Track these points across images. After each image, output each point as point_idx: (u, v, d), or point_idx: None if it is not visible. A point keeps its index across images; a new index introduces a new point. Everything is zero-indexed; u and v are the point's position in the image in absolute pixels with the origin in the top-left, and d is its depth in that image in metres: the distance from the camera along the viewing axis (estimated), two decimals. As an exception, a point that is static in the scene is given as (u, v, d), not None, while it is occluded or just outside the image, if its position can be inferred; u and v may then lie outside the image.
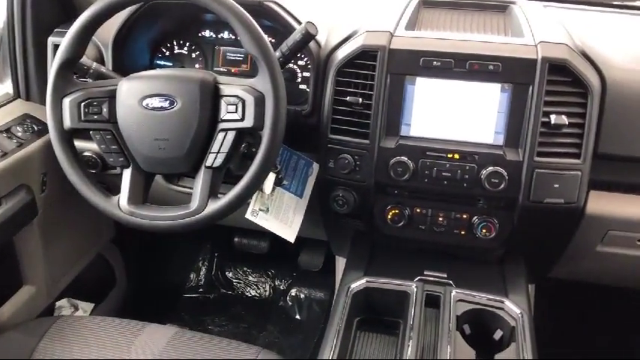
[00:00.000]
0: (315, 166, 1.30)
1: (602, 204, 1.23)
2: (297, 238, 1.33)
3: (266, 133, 1.04)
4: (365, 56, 1.19)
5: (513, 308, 1.14)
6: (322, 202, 1.32)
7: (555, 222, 1.23)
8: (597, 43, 1.23)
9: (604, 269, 1.41)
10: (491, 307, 1.15)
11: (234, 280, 2.15)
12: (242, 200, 1.07)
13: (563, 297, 1.79)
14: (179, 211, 1.08)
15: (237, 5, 1.04)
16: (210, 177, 1.08)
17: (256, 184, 1.07)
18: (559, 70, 1.12)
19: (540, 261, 1.39)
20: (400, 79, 1.18)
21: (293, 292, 2.06)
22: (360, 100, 1.19)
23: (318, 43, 1.28)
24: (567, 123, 1.12)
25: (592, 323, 1.90)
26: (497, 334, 1.13)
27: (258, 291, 2.11)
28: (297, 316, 2.02)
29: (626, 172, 1.25)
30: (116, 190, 1.14)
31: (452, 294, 1.16)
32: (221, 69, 1.44)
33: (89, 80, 1.25)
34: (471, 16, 1.42)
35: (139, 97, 1.09)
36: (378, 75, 1.17)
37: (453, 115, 1.18)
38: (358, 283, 1.20)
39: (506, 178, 1.15)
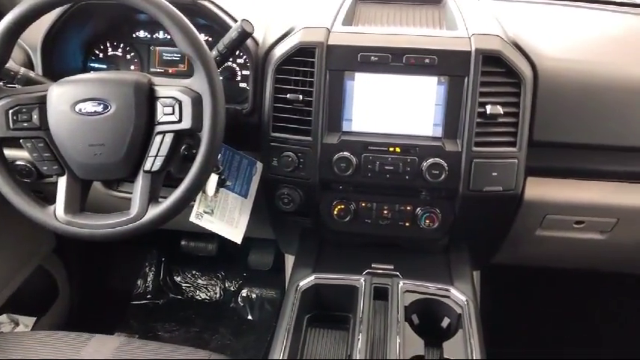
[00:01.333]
0: (259, 165, 1.29)
1: (539, 190, 1.27)
2: (246, 238, 1.31)
3: (205, 134, 1.02)
4: (303, 53, 1.18)
5: (459, 296, 1.17)
6: (268, 201, 1.32)
7: (495, 209, 1.26)
8: (529, 34, 1.27)
9: (544, 252, 1.46)
10: (438, 296, 1.17)
11: (184, 284, 2.11)
12: (184, 204, 1.05)
13: (507, 281, 1.84)
14: (118, 218, 1.05)
15: (168, 4, 1.01)
16: (150, 181, 1.05)
17: (198, 187, 1.05)
18: (493, 61, 1.15)
19: (483, 248, 1.43)
20: (339, 75, 1.18)
21: (244, 292, 2.05)
22: (301, 97, 1.19)
23: (255, 41, 1.26)
24: (502, 113, 1.15)
25: (535, 305, 1.97)
26: (445, 322, 1.15)
27: (209, 294, 2.09)
28: (249, 317, 2.01)
29: (560, 158, 1.29)
30: (54, 199, 1.09)
31: (399, 285, 1.18)
32: (158, 70, 1.41)
33: (17, 86, 1.20)
34: (406, 10, 1.43)
35: (71, 103, 1.05)
36: (317, 71, 1.17)
37: (393, 109, 1.20)
38: (307, 280, 1.20)
39: (447, 169, 1.17)
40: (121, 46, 1.42)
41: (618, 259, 1.44)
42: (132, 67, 1.42)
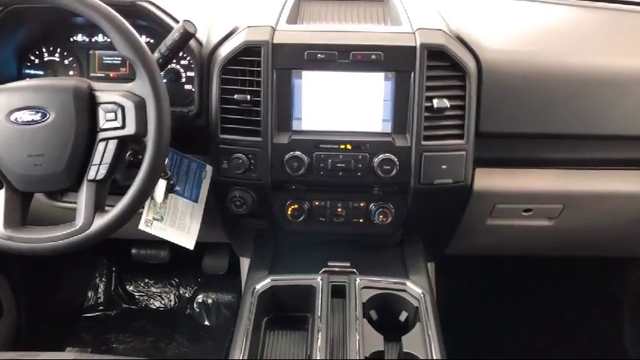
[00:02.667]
0: (209, 169, 1.26)
1: (488, 180, 1.29)
2: (199, 242, 1.29)
3: (150, 139, 0.99)
4: (248, 52, 1.17)
5: (415, 289, 1.18)
6: (220, 205, 1.29)
7: (446, 201, 1.28)
8: (471, 27, 1.29)
9: (495, 241, 1.49)
10: (395, 290, 1.17)
11: (136, 294, 2.06)
12: (131, 212, 1.01)
13: (462, 271, 1.88)
14: (62, 230, 1.01)
15: (105, 6, 0.98)
16: (95, 190, 1.01)
17: (145, 194, 1.02)
18: (437, 55, 1.16)
19: (436, 240, 1.45)
20: (286, 74, 1.17)
21: (199, 298, 2.01)
22: (248, 97, 1.17)
23: (198, 42, 1.24)
24: (449, 106, 1.16)
25: (490, 292, 2.01)
26: (403, 316, 1.16)
27: (163, 302, 2.04)
28: (206, 322, 1.98)
29: (507, 148, 1.32)
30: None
31: (356, 282, 1.18)
32: (98, 74, 1.36)
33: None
34: (350, 6, 1.43)
35: (6, 112, 1.00)
36: (264, 71, 1.16)
37: (342, 106, 1.20)
38: (263, 283, 1.18)
39: (397, 163, 1.18)
40: (58, 50, 1.36)
41: (565, 243, 1.49)
42: (70, 73, 1.37)
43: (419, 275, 1.25)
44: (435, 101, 1.16)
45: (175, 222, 1.25)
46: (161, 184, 1.17)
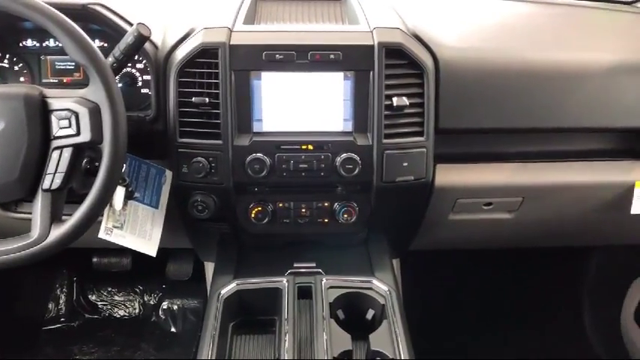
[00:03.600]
0: (168, 174, 1.24)
1: (449, 176, 1.31)
2: (162, 249, 1.27)
3: (106, 146, 0.96)
4: (205, 54, 1.15)
5: (381, 286, 1.18)
6: (181, 210, 1.27)
7: (409, 198, 1.29)
8: (428, 25, 1.30)
9: (458, 235, 1.51)
10: (361, 288, 1.18)
11: (99, 303, 2.01)
12: (89, 221, 0.99)
13: (427, 266, 1.90)
14: (17, 242, 0.97)
15: (54, 10, 0.94)
16: (50, 200, 0.98)
17: (103, 201, 0.99)
18: (395, 53, 1.17)
19: (400, 236, 1.46)
20: (245, 75, 1.16)
21: (165, 305, 1.98)
22: (207, 99, 1.15)
23: (154, 45, 1.21)
24: (408, 104, 1.17)
25: (455, 286, 2.04)
26: (370, 314, 1.17)
27: (127, 310, 2.00)
28: (173, 329, 1.95)
29: (466, 144, 1.34)
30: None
31: (322, 282, 1.18)
32: (51, 80, 1.32)
33: None
34: (307, 6, 1.43)
35: (-47, 122, 0.96)
36: (222, 72, 1.14)
37: (303, 106, 1.19)
38: (229, 288, 1.17)
39: (360, 162, 1.18)
40: (7, 56, 1.32)
41: (525, 235, 1.52)
42: (21, 79, 1.32)
43: (384, 273, 1.26)
44: (395, 99, 1.17)
45: (136, 229, 1.22)
46: (120, 191, 1.15)
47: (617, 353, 1.80)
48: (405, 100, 1.17)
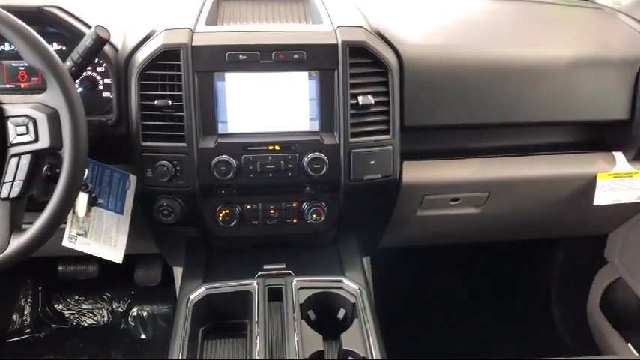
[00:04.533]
0: (132, 178, 1.22)
1: (416, 172, 1.31)
2: (130, 254, 1.24)
3: (67, 152, 0.94)
4: (167, 56, 1.13)
5: (351, 285, 1.18)
6: (147, 215, 1.25)
7: (377, 196, 1.29)
8: (391, 23, 1.31)
9: (426, 231, 1.52)
10: (331, 288, 1.18)
11: (66, 312, 1.96)
12: (51, 229, 0.96)
13: (397, 263, 1.91)
14: (-25, 254, 0.94)
15: (7, 14, 0.91)
16: (9, 209, 0.95)
17: (65, 209, 0.97)
18: (359, 52, 1.17)
19: (370, 234, 1.46)
20: (208, 77, 1.15)
21: (134, 311, 1.94)
22: (170, 102, 1.13)
23: (114, 47, 1.19)
24: (374, 102, 1.17)
25: (426, 281, 2.06)
26: (341, 313, 1.17)
27: (96, 318, 1.96)
28: (143, 336, 1.91)
29: (432, 141, 1.36)
30: None
31: (293, 283, 1.17)
32: (7, 85, 1.28)
33: None
34: (270, 6, 1.42)
35: None
36: (185, 74, 1.13)
37: (268, 107, 1.18)
38: (197, 293, 1.16)
39: (327, 162, 1.18)
40: (-40, 62, 1.27)
41: (493, 229, 1.54)
42: (-24, 85, 1.28)
43: (355, 271, 1.26)
44: (360, 98, 1.17)
45: (101, 236, 1.20)
46: (82, 198, 1.12)
47: (584, 341, 1.84)
48: (371, 99, 1.17)
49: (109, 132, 1.20)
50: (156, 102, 1.13)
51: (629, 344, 1.62)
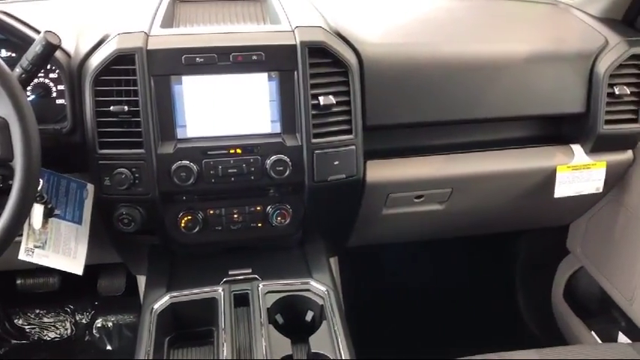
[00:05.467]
0: (90, 187, 1.18)
1: (380, 171, 1.31)
2: (91, 265, 1.21)
3: (18, 163, 0.90)
4: (122, 61, 1.10)
5: (319, 287, 1.18)
6: (106, 224, 1.22)
7: (342, 196, 1.29)
8: (350, 23, 1.30)
9: (392, 229, 1.52)
10: (298, 291, 1.17)
11: (27, 327, 1.90)
12: (5, 243, 0.92)
13: (365, 262, 1.92)
14: None
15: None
16: (-42, 224, 0.92)
17: (18, 222, 0.93)
18: (318, 52, 1.16)
19: (336, 235, 1.46)
20: (165, 80, 1.12)
21: (98, 322, 1.89)
22: (126, 108, 1.11)
23: (66, 53, 1.15)
24: (335, 102, 1.17)
25: (393, 279, 2.07)
26: (309, 316, 1.16)
27: (58, 331, 1.90)
28: (108, 347, 1.87)
29: (395, 139, 1.36)
30: None
31: (259, 288, 1.16)
32: (-47, 95, 1.23)
33: None
34: (228, 7, 1.40)
35: None
36: (140, 79, 1.10)
37: (228, 109, 1.16)
38: (162, 302, 1.13)
39: (290, 164, 1.17)
40: None
41: (457, 224, 1.55)
42: None
43: (322, 273, 1.25)
44: (321, 99, 1.16)
45: (59, 247, 1.16)
46: (38, 209, 1.08)
47: (550, 330, 1.88)
48: (332, 99, 1.16)
49: (64, 140, 1.16)
50: (111, 108, 1.10)
51: (592, 332, 1.66)
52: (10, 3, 1.31)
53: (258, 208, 1.24)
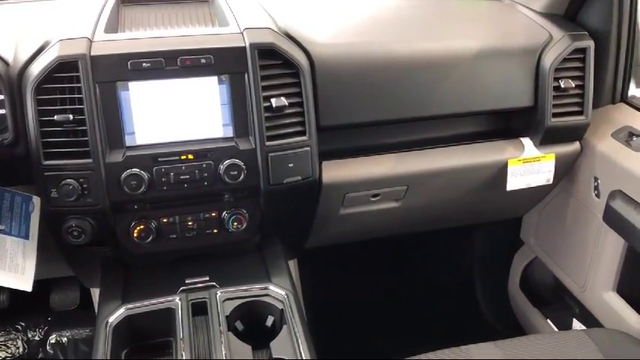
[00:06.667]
0: (36, 200, 1.14)
1: (336, 171, 1.31)
2: (42, 280, 1.16)
3: (-45, 179, 0.86)
4: (64, 68, 1.06)
5: (278, 291, 1.16)
6: (56, 237, 1.17)
7: (298, 198, 1.28)
8: (299, 23, 1.30)
9: (350, 228, 1.52)
10: (258, 296, 1.15)
11: (-24, 348, 1.82)
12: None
13: (325, 262, 1.91)
14: None
15: None
16: None
17: (-43, 241, 0.89)
18: (268, 54, 1.15)
19: (294, 237, 1.45)
20: (111, 87, 1.09)
21: (52, 338, 1.83)
22: (71, 116, 1.07)
23: (4, 61, 1.11)
24: (287, 104, 1.16)
25: (354, 278, 2.08)
26: (269, 321, 1.14)
27: (9, 350, 1.82)
28: (64, 363, 1.81)
29: (349, 139, 1.36)
30: None
31: (217, 295, 1.14)
32: None
33: None
34: (174, 10, 1.38)
35: None
36: (85, 86, 1.06)
37: (178, 115, 1.14)
38: (117, 315, 1.10)
39: (244, 168, 1.15)
40: None
41: (413, 221, 1.56)
42: None
43: (281, 276, 1.24)
44: (273, 100, 1.15)
45: (5, 264, 1.12)
46: (-21, 226, 1.04)
47: (508, 321, 1.92)
48: (284, 101, 1.15)
49: (6, 152, 1.11)
50: (55, 117, 1.06)
51: (548, 320, 1.71)
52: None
53: (214, 214, 1.22)
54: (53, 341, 1.83)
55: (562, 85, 1.36)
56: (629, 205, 1.30)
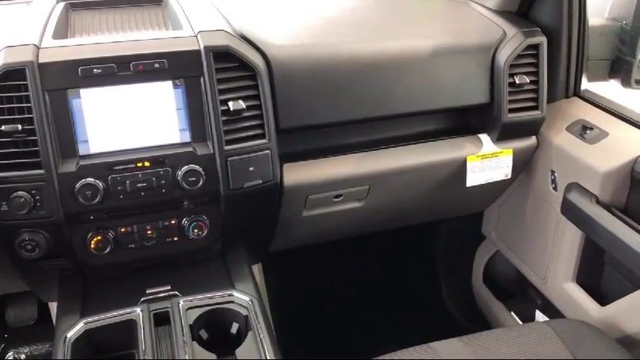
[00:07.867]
0: (-15, 214, 1.09)
1: (297, 174, 1.30)
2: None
3: None
4: (10, 76, 1.02)
5: (242, 297, 1.15)
6: (9, 252, 1.13)
7: (260, 202, 1.26)
8: (255, 25, 1.28)
9: (314, 230, 1.52)
10: (221, 303, 1.14)
11: None
12: None
13: (289, 266, 1.90)
14: None
15: None
16: None
17: None
18: (224, 56, 1.13)
19: (258, 242, 1.43)
20: (61, 95, 1.05)
21: (10, 355, 1.76)
22: (20, 126, 1.03)
23: (-55, 71, 1.06)
24: (245, 107, 1.14)
25: (319, 280, 2.07)
26: (234, 328, 1.13)
27: (-35, 371, 1.76)
28: (23, 381, 1.75)
29: (310, 140, 1.35)
30: None
31: (180, 304, 1.12)
32: None
33: None
34: (126, 13, 1.34)
35: None
36: (33, 95, 1.03)
37: (133, 121, 1.11)
38: (76, 329, 1.07)
39: (203, 173, 1.13)
40: None
41: (376, 220, 1.57)
42: None
43: (245, 282, 1.22)
44: (231, 104, 1.13)
45: (-45, 282, 1.07)
46: None
47: (473, 316, 1.94)
48: (242, 104, 1.14)
49: (-49, 166, 1.07)
50: (3, 128, 1.02)
51: (512, 313, 1.73)
52: None
53: (173, 222, 1.19)
54: (11, 358, 1.77)
55: (517, 81, 1.38)
56: (585, 197, 1.33)
